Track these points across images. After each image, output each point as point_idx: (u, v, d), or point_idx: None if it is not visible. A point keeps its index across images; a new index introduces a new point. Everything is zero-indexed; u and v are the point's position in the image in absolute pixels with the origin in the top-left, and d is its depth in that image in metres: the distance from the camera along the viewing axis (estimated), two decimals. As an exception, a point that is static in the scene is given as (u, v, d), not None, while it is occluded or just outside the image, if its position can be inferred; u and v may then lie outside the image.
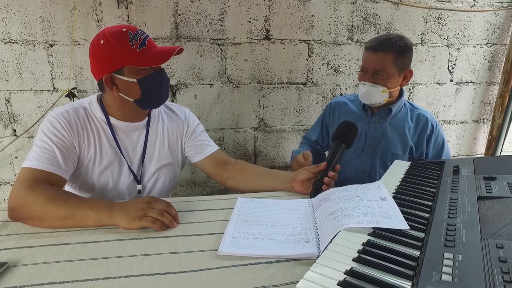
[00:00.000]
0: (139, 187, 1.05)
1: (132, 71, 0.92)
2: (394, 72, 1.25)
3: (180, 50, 0.95)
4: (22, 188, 0.79)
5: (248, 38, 1.81)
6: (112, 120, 1.00)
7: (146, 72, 0.93)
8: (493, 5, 2.01)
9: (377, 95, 1.27)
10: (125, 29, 0.90)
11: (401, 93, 1.36)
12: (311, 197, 0.91)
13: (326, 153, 1.53)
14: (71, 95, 1.68)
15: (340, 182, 0.96)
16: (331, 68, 1.95)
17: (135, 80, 0.92)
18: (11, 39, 1.60)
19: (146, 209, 0.76)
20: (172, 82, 1.79)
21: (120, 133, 1.01)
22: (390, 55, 1.23)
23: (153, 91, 0.96)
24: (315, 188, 0.93)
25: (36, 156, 0.86)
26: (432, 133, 1.33)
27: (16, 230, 0.75)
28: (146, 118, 1.06)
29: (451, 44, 2.04)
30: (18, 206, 0.77)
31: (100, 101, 1.00)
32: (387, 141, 1.33)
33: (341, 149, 0.97)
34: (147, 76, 0.93)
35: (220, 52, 1.80)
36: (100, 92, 1.01)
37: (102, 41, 0.90)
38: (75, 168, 0.96)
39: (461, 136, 2.25)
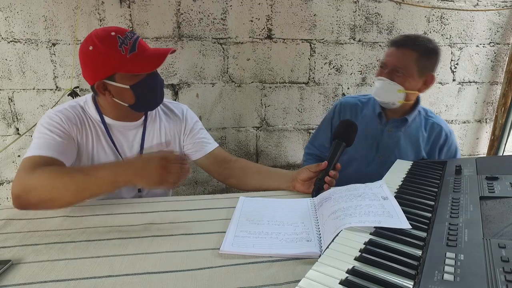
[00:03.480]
0: (138, 185, 1.03)
1: (125, 77, 0.89)
2: (414, 73, 1.18)
3: (173, 52, 0.92)
4: (23, 175, 0.78)
5: (250, 37, 1.81)
6: (107, 119, 0.98)
7: (139, 77, 0.90)
8: (496, 4, 2.00)
9: (392, 93, 1.20)
10: (114, 33, 0.87)
11: (417, 101, 1.29)
12: (312, 196, 0.91)
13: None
14: (73, 94, 1.69)
15: None
16: (333, 67, 1.94)
17: (128, 87, 0.90)
18: (14, 38, 1.61)
19: (164, 174, 0.78)
20: (174, 81, 1.80)
21: (116, 132, 1.00)
22: (414, 53, 1.17)
23: (148, 96, 0.94)
24: (317, 187, 0.93)
25: (36, 146, 0.85)
26: (445, 143, 1.28)
27: (20, 228, 0.75)
28: (143, 117, 1.04)
29: (454, 43, 2.03)
30: (23, 191, 0.76)
31: (95, 100, 0.99)
32: (400, 152, 1.27)
33: (341, 148, 0.97)
34: (140, 82, 0.90)
35: (222, 51, 1.80)
36: None
37: (91, 47, 0.86)
38: (74, 159, 0.94)
39: (463, 136, 2.24)
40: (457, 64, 2.07)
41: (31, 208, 0.77)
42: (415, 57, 1.17)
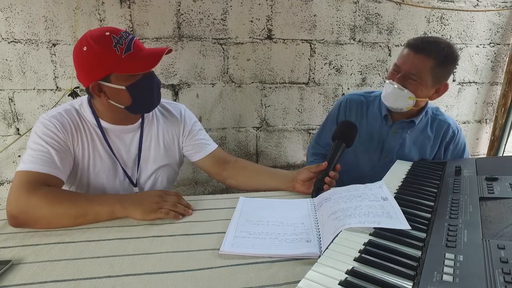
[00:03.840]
0: (136, 189, 1.03)
1: (120, 78, 0.87)
2: (428, 82, 1.12)
3: (169, 51, 0.90)
4: (21, 194, 0.76)
5: (250, 37, 1.81)
6: (103, 123, 0.96)
7: (135, 77, 0.88)
8: (496, 4, 2.01)
9: (401, 100, 1.15)
10: (109, 33, 0.84)
11: (425, 104, 1.24)
12: (312, 197, 0.91)
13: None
14: (74, 94, 1.69)
15: None
16: (333, 68, 1.95)
17: (123, 87, 0.88)
18: (15, 39, 1.61)
19: (159, 202, 0.81)
20: (174, 81, 1.80)
21: (112, 136, 0.98)
22: (431, 61, 1.10)
23: (144, 97, 0.92)
24: (317, 188, 0.93)
25: (31, 159, 0.83)
26: (452, 140, 1.26)
27: (20, 228, 0.75)
28: (140, 120, 1.02)
29: (454, 44, 2.03)
30: (20, 212, 0.75)
31: (91, 103, 0.97)
32: (405, 153, 1.25)
33: (341, 149, 0.97)
34: (137, 82, 0.88)
35: (222, 52, 1.80)
36: None
37: (85, 48, 0.84)
38: (71, 170, 0.93)
39: (463, 136, 2.24)
40: (457, 64, 2.07)
41: (26, 227, 0.76)
42: (432, 66, 1.10)
